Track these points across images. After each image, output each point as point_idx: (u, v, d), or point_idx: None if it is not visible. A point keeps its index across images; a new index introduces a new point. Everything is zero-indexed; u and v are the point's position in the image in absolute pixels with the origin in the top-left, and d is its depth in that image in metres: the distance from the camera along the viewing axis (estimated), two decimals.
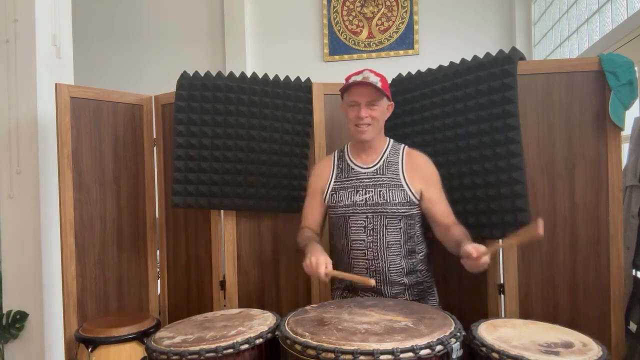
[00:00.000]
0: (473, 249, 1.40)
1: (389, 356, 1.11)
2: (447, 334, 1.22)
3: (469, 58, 1.94)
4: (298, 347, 1.20)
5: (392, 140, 1.77)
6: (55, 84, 2.14)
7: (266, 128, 2.12)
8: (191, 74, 2.14)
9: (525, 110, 1.84)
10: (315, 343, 1.18)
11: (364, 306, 1.45)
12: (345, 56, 4.42)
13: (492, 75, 1.82)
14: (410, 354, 1.13)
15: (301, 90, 2.16)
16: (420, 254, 1.74)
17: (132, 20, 4.82)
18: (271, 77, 2.15)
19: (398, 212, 1.64)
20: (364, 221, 1.66)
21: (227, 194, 2.13)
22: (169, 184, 2.20)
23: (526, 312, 1.87)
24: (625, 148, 1.98)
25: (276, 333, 1.37)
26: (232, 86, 2.10)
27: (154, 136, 2.42)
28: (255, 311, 1.63)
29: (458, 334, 1.24)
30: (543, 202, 1.87)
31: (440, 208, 1.68)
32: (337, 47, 4.44)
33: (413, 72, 2.12)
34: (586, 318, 1.83)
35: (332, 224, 1.78)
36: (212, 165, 2.11)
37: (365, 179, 1.70)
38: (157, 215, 2.46)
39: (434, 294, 1.79)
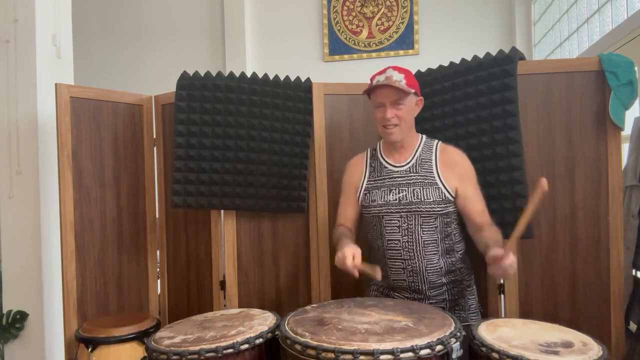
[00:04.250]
0: (497, 249, 1.36)
1: (389, 356, 1.11)
2: (447, 334, 1.21)
3: (469, 58, 1.94)
4: (298, 347, 1.20)
5: (424, 137, 1.72)
6: (55, 84, 2.14)
7: (266, 128, 2.12)
8: (191, 74, 2.14)
9: (525, 110, 1.84)
10: (315, 343, 1.18)
11: (364, 306, 1.45)
12: (345, 56, 4.43)
13: (492, 75, 1.82)
14: (410, 354, 1.13)
15: (301, 90, 2.16)
16: (459, 252, 1.69)
17: (132, 20, 4.82)
18: (271, 77, 2.15)
19: (433, 210, 1.60)
20: (398, 220, 1.63)
21: (227, 194, 2.13)
22: (169, 184, 2.20)
23: (526, 312, 1.87)
24: (625, 148, 1.98)
25: (276, 333, 1.37)
26: (232, 86, 2.10)
27: (154, 136, 2.42)
28: (255, 311, 1.63)
29: (458, 334, 1.24)
30: (543, 202, 1.87)
31: (475, 206, 1.62)
32: (337, 47, 4.45)
33: (413, 72, 2.11)
34: (586, 318, 1.83)
35: (367, 223, 1.74)
36: (212, 165, 2.11)
37: (399, 177, 1.66)
38: (157, 215, 2.46)
39: (474, 292, 1.74)
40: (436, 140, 1.72)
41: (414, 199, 1.61)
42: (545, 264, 1.88)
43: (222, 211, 2.24)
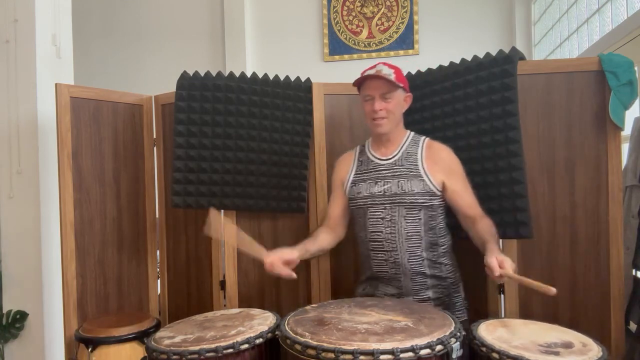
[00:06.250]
0: (495, 265, 1.38)
1: (389, 356, 1.11)
2: (447, 333, 1.22)
3: (469, 58, 1.94)
4: (298, 347, 1.20)
5: (412, 133, 1.76)
6: (55, 84, 2.14)
7: (266, 128, 2.12)
8: (191, 74, 2.14)
9: (525, 110, 1.84)
10: (315, 343, 1.18)
11: (364, 306, 1.45)
12: (345, 56, 4.43)
13: (492, 75, 1.82)
14: (410, 354, 1.13)
15: (301, 90, 2.16)
16: (443, 247, 1.71)
17: (132, 20, 4.82)
18: (271, 77, 2.15)
19: (417, 202, 1.63)
20: (382, 212, 1.66)
21: (227, 194, 2.13)
22: (169, 184, 2.20)
23: (526, 312, 1.87)
24: (625, 148, 1.98)
25: (276, 333, 1.37)
26: (232, 86, 2.10)
27: (154, 136, 2.42)
28: (255, 311, 1.63)
29: (458, 334, 1.24)
30: (543, 202, 1.88)
31: (465, 199, 1.66)
32: (337, 47, 4.45)
33: (413, 72, 2.12)
34: (586, 318, 1.83)
35: (353, 216, 1.78)
36: (212, 165, 2.11)
37: (384, 170, 1.70)
38: (157, 215, 2.46)
39: (459, 289, 1.75)
40: (424, 137, 1.76)
41: (398, 190, 1.65)
42: (545, 263, 1.88)
43: (222, 211, 2.24)
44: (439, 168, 1.66)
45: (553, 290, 1.28)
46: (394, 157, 1.71)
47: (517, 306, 1.88)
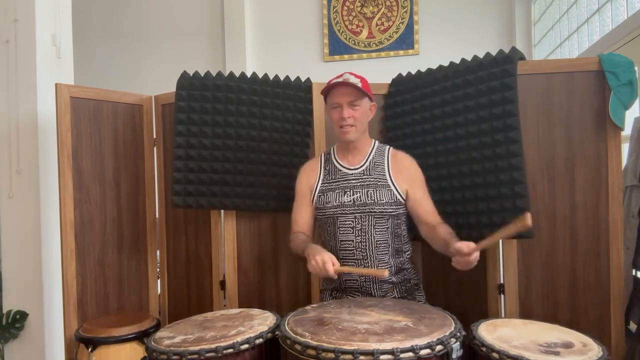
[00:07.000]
0: (464, 245, 1.41)
1: (389, 356, 1.11)
2: (447, 334, 1.22)
3: (469, 58, 1.94)
4: (298, 347, 1.20)
5: (377, 142, 1.80)
6: (55, 84, 2.14)
7: (266, 128, 2.12)
8: (191, 74, 2.14)
9: (525, 110, 1.84)
10: (315, 343, 1.18)
11: (364, 306, 1.45)
12: (345, 56, 4.43)
13: (492, 75, 1.82)
14: (410, 354, 1.13)
15: (301, 90, 2.16)
16: (407, 253, 1.76)
17: (132, 20, 4.82)
18: (271, 77, 2.15)
19: (385, 211, 1.66)
20: (352, 221, 1.68)
21: (227, 194, 2.13)
22: (169, 184, 2.20)
23: (526, 312, 1.87)
24: (625, 148, 1.98)
25: (276, 333, 1.37)
26: (232, 86, 2.10)
27: (154, 136, 2.42)
28: (255, 311, 1.63)
29: (458, 334, 1.24)
30: (543, 202, 1.88)
31: (426, 207, 1.70)
32: (337, 47, 4.45)
33: (413, 72, 2.12)
34: (586, 318, 1.83)
35: (320, 225, 1.79)
36: (212, 165, 2.11)
37: (353, 179, 1.72)
38: (157, 215, 2.46)
39: (421, 290, 1.80)
40: (388, 146, 1.79)
41: (368, 200, 1.67)
42: (545, 264, 1.88)
43: (222, 211, 2.24)
44: (403, 177, 1.70)
45: (528, 221, 1.28)
46: (361, 166, 1.73)
47: (517, 306, 1.88)
